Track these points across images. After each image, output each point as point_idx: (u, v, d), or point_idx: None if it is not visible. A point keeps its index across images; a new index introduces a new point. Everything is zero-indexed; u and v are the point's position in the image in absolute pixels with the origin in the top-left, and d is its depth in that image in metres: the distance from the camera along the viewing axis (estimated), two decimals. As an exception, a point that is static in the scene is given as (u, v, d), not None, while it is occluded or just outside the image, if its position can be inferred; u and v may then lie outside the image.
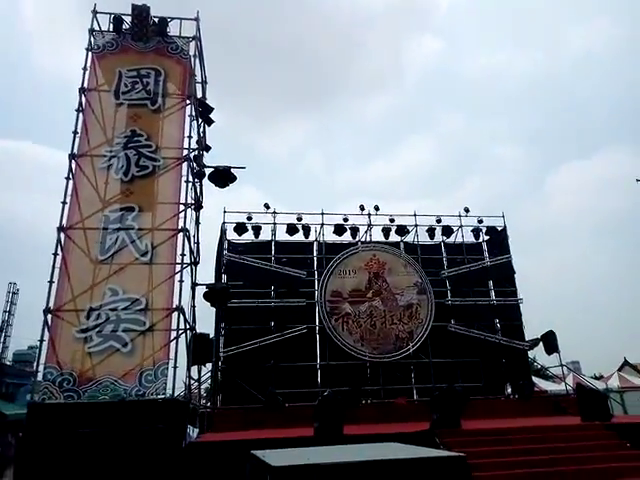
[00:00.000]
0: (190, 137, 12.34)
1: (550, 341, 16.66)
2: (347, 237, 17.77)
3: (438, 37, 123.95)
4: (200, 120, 13.99)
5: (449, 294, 17.84)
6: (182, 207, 11.37)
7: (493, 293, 18.53)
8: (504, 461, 8.60)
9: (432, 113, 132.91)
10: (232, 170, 13.04)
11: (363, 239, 18.02)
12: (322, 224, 17.59)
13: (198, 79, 14.24)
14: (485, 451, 8.89)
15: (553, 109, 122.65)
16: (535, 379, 19.88)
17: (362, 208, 17.69)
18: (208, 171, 13.19)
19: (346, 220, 17.65)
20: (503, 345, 17.27)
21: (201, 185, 13.58)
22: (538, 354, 18.32)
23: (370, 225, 17.97)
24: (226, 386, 15.19)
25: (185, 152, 12.04)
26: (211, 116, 14.23)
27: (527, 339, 17.56)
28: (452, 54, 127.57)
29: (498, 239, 18.87)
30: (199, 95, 14.28)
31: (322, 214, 17.57)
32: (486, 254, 19.02)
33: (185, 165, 11.89)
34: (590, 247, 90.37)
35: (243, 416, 13.31)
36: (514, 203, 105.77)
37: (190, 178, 12.01)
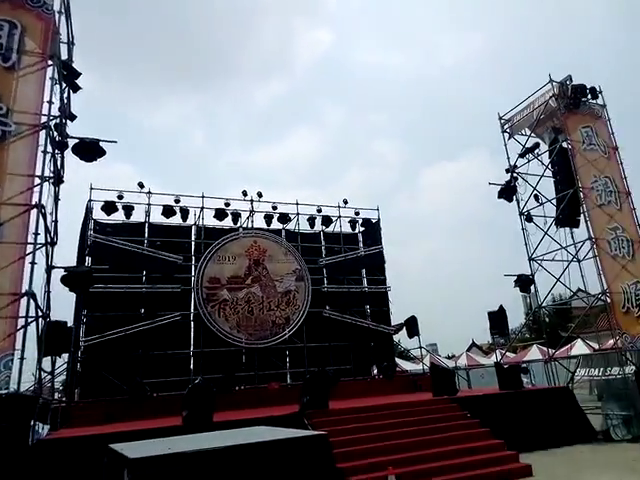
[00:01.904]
0: (51, 102, 10.96)
1: (412, 325, 18.32)
2: (228, 222, 17.47)
3: (328, 30, 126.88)
4: (64, 85, 12.52)
5: (325, 281, 18.56)
6: (38, 180, 10.09)
7: (365, 281, 19.73)
8: (364, 436, 9.31)
9: (318, 104, 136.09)
10: (101, 143, 11.94)
11: (245, 225, 17.88)
12: (202, 208, 17.06)
13: (64, 39, 12.70)
14: (348, 428, 9.55)
15: (429, 110, 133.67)
16: (398, 360, 21.75)
17: (245, 194, 17.49)
18: (72, 142, 11.91)
19: (228, 205, 17.30)
20: (372, 329, 18.55)
21: (62, 157, 12.18)
22: (402, 337, 20.02)
23: (252, 211, 17.88)
24: (86, 378, 14.05)
25: (44, 119, 10.67)
26: (78, 82, 12.84)
27: (393, 324, 19.10)
28: (340, 48, 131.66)
29: (372, 230, 20.11)
30: (64, 57, 12.75)
31: (202, 197, 17.05)
32: (361, 244, 20.19)
33: (43, 133, 10.55)
34: (451, 241, 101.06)
35: (105, 409, 12.46)
36: (390, 196, 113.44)
37: (49, 148, 10.72)
